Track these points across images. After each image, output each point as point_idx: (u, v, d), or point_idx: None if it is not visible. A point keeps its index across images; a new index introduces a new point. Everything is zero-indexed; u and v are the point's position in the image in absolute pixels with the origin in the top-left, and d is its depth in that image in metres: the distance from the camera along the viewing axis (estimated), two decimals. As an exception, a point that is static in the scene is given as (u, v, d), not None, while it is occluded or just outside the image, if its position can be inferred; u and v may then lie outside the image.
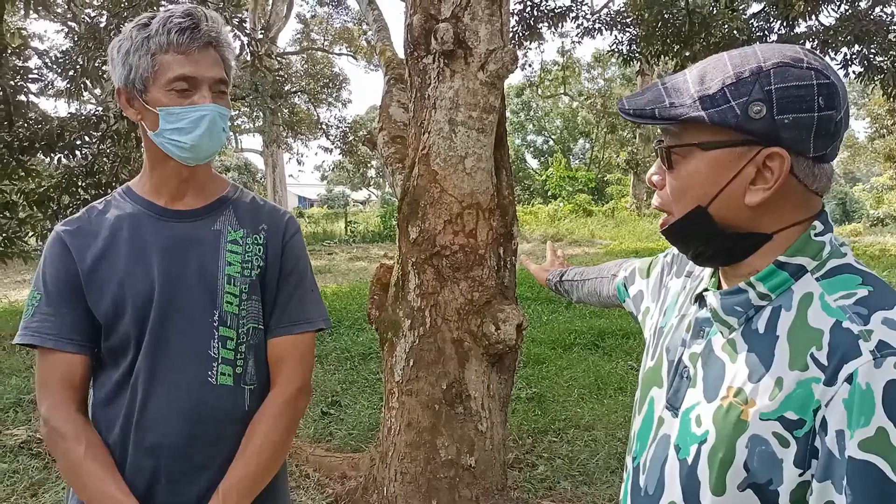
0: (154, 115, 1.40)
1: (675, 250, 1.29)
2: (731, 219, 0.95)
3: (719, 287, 1.05)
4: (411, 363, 2.96)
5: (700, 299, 1.08)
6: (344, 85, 26.48)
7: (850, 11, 9.07)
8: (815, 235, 0.94)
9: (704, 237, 0.98)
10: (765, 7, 10.05)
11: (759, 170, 0.90)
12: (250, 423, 1.50)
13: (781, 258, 0.94)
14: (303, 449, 4.17)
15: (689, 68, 0.97)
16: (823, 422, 0.83)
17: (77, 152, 6.27)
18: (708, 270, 1.11)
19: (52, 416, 1.42)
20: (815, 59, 0.89)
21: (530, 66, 28.40)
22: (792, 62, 0.88)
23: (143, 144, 1.51)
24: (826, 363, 0.85)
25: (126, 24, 1.44)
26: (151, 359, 1.43)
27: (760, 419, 0.88)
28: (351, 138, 23.70)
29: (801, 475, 0.86)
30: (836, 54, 9.39)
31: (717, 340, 1.00)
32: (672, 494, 1.00)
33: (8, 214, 6.12)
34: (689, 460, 0.97)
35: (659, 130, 1.00)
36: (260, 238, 1.54)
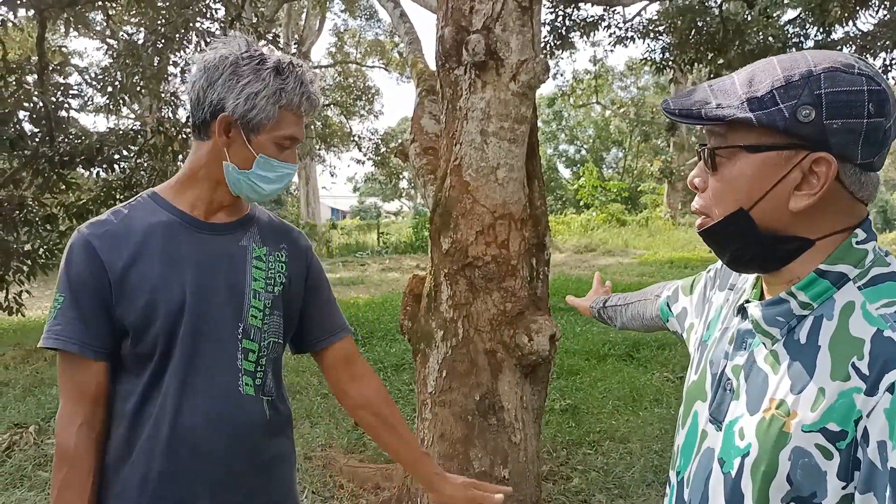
0: (250, 156, 1.45)
1: (718, 265, 1.27)
2: (773, 223, 0.93)
3: (761, 298, 1.03)
4: (444, 374, 2.96)
5: (742, 311, 1.05)
6: (376, 97, 26.68)
7: (888, 16, 8.91)
8: (857, 243, 0.92)
9: (743, 240, 0.96)
10: (800, 13, 9.92)
11: (804, 175, 0.89)
12: (379, 406, 1.71)
13: (822, 266, 0.92)
14: (336, 459, 4.19)
15: (737, 72, 0.96)
16: (865, 432, 0.82)
17: (115, 166, 6.41)
18: (750, 282, 1.09)
19: (58, 425, 1.46)
20: (866, 66, 0.88)
21: (562, 75, 28.41)
22: (843, 67, 0.87)
23: (189, 159, 1.53)
24: (867, 373, 0.83)
25: (240, 43, 1.44)
26: (183, 369, 1.44)
27: (803, 431, 0.87)
28: (383, 150, 23.84)
29: (844, 488, 0.84)
30: (874, 60, 9.23)
31: (759, 352, 0.99)
32: None
33: (49, 227, 6.27)
34: (733, 474, 0.95)
35: (704, 132, 0.99)
36: (282, 256, 1.61)
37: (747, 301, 1.05)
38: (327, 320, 1.71)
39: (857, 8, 8.67)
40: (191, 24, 6.56)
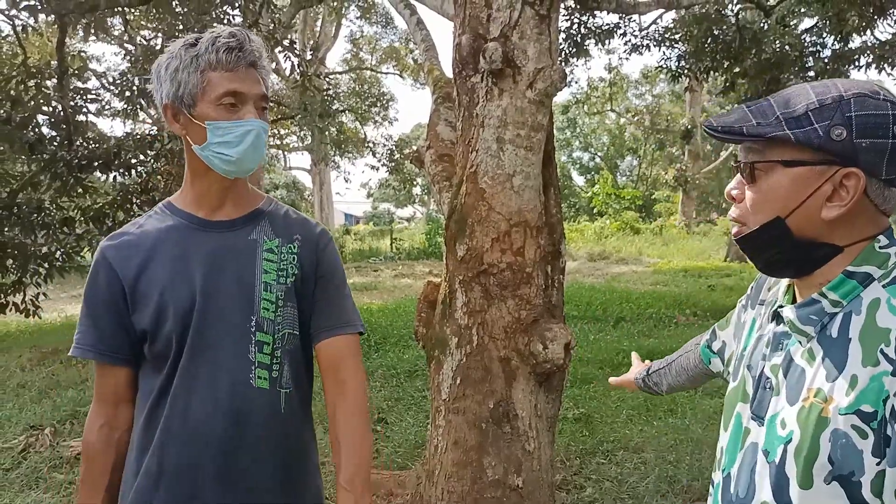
0: (201, 130, 1.46)
1: (748, 292, 1.38)
2: (806, 230, 1.03)
3: (793, 302, 1.13)
4: (458, 381, 2.95)
5: (777, 316, 1.14)
6: (391, 103, 26.75)
7: (907, 25, 8.85)
8: (881, 248, 1.02)
9: (779, 246, 1.07)
10: (818, 22, 9.87)
11: (835, 188, 0.99)
12: (339, 417, 1.58)
13: (850, 268, 1.03)
14: (349, 465, 4.18)
15: (772, 96, 1.06)
16: (892, 410, 0.91)
17: (132, 170, 6.47)
18: (782, 290, 1.18)
19: (85, 424, 1.60)
20: (889, 94, 0.98)
21: (577, 82, 28.35)
22: (870, 94, 0.98)
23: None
24: (894, 356, 0.92)
25: (170, 43, 1.52)
26: (192, 364, 1.48)
27: (840, 414, 0.95)
28: (397, 156, 23.89)
29: (878, 464, 0.92)
30: (892, 69, 9.16)
31: (796, 350, 1.08)
32: (763, 495, 1.06)
33: (66, 230, 6.33)
34: (777, 461, 1.04)
35: (740, 149, 1.10)
36: (294, 247, 1.61)
37: (781, 306, 1.14)
38: (333, 312, 1.64)
39: (875, 17, 8.61)
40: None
